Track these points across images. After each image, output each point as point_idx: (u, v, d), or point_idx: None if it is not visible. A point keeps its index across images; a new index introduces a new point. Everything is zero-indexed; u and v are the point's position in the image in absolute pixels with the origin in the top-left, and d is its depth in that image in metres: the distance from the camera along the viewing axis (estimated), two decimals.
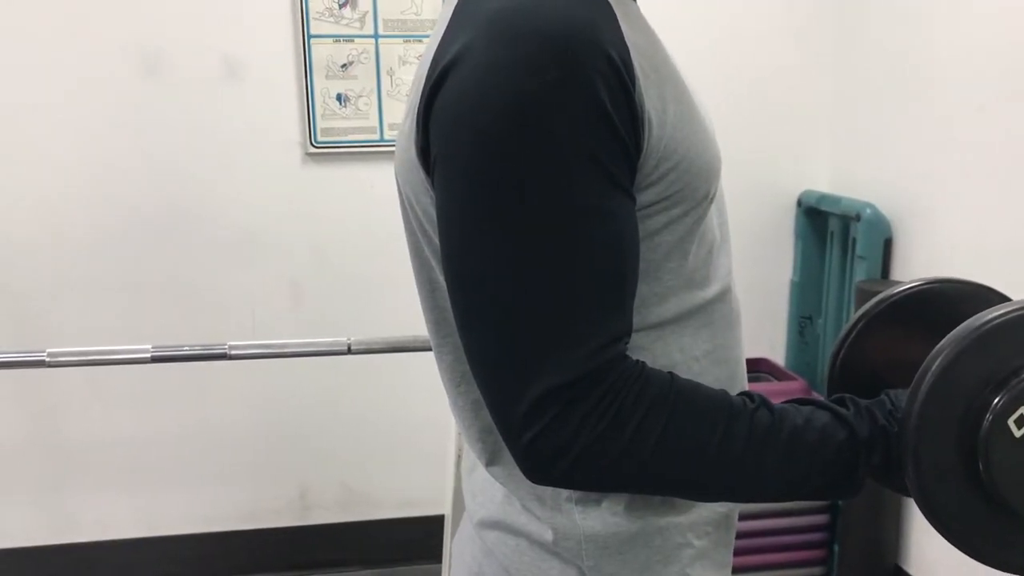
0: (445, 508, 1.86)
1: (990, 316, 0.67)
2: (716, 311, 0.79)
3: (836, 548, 2.36)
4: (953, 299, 0.81)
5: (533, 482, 0.69)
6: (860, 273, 2.27)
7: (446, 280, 0.71)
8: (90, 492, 2.48)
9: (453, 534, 1.81)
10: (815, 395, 0.76)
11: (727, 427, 0.68)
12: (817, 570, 2.39)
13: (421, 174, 0.73)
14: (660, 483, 0.71)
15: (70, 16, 2.24)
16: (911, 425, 0.67)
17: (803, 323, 2.60)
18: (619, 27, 0.68)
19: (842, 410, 0.72)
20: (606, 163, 0.65)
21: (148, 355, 1.67)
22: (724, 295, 0.80)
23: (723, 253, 0.82)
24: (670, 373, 0.70)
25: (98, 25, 2.25)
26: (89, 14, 2.24)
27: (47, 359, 1.64)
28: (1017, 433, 0.65)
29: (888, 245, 2.25)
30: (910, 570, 2.28)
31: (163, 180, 2.35)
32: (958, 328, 0.67)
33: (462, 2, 0.72)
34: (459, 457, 1.76)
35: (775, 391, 2.34)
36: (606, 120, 0.65)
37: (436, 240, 0.76)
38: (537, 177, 0.64)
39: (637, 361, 0.68)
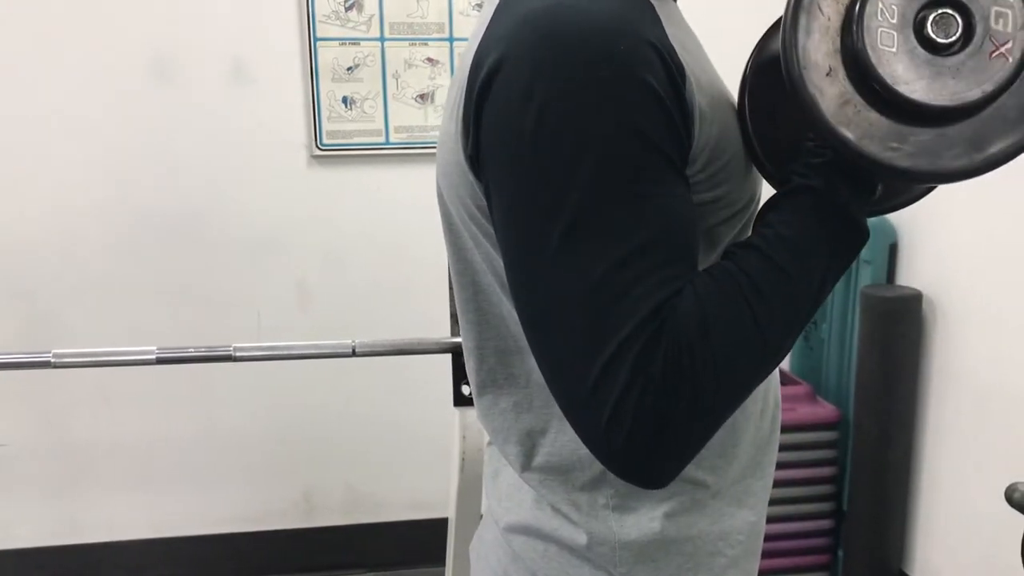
0: (449, 511, 1.86)
1: None
2: None
3: (840, 553, 2.35)
4: None
5: (650, 484, 0.67)
6: (865, 278, 2.27)
7: (510, 284, 0.70)
8: (97, 493, 2.49)
9: (457, 537, 1.81)
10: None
11: (749, 296, 0.66)
12: (822, 575, 2.39)
13: (470, 177, 0.72)
14: (747, 384, 0.68)
15: (80, 20, 2.25)
16: (800, 95, 0.64)
17: (807, 328, 2.60)
18: (662, 25, 0.68)
19: (789, 186, 0.71)
20: (664, 149, 0.65)
21: (153, 356, 1.67)
22: None
23: None
24: (693, 290, 0.66)
25: (107, 29, 2.26)
26: (99, 18, 2.26)
27: (53, 360, 1.64)
28: (892, 49, 0.63)
29: (893, 250, 2.25)
30: (915, 575, 2.27)
31: (170, 182, 2.36)
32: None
33: (504, 2, 0.72)
34: (463, 460, 1.76)
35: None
36: (660, 108, 0.64)
37: (485, 243, 0.75)
38: (597, 169, 0.64)
39: (669, 307, 0.65)
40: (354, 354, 1.75)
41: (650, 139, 0.64)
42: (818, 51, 0.64)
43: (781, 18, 0.67)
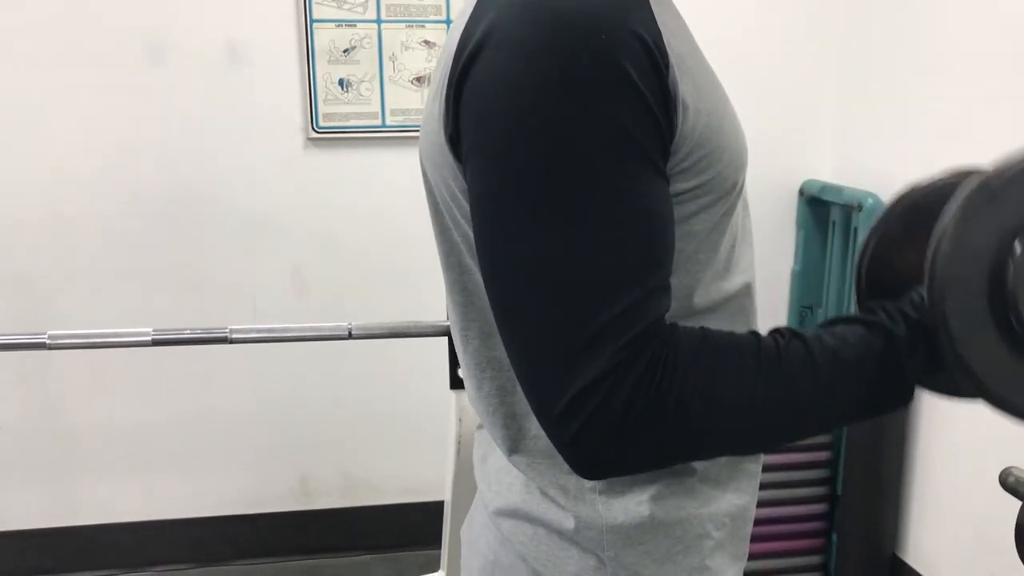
0: (445, 494, 1.87)
1: (997, 171, 0.65)
2: (740, 304, 0.78)
3: (835, 537, 2.37)
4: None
5: (584, 476, 0.68)
6: None
7: (481, 268, 0.70)
8: (93, 476, 2.49)
9: (453, 520, 1.82)
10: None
11: (766, 372, 0.66)
12: (815, 559, 2.40)
13: (451, 159, 0.72)
14: (713, 448, 0.69)
15: (74, 3, 2.23)
16: (936, 291, 0.64)
17: (804, 313, 2.60)
18: (650, 9, 0.67)
19: (873, 318, 0.70)
20: (641, 143, 0.64)
21: (149, 338, 1.67)
22: (747, 288, 0.79)
23: (745, 245, 0.81)
24: (702, 328, 0.67)
25: (102, 10, 2.25)
26: (93, 1, 2.24)
27: (48, 342, 1.64)
28: None
29: None
30: (908, 559, 2.29)
31: (166, 165, 2.35)
32: (966, 185, 0.65)
33: None
34: (459, 443, 1.76)
35: None
36: (639, 99, 0.63)
37: (466, 226, 0.75)
38: (572, 159, 0.63)
39: (668, 325, 0.66)
40: (350, 337, 1.75)
41: (626, 131, 0.64)
42: (975, 241, 0.64)
43: (950, 183, 0.69)
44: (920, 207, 0.77)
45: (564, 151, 0.63)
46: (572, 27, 0.63)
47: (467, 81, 0.67)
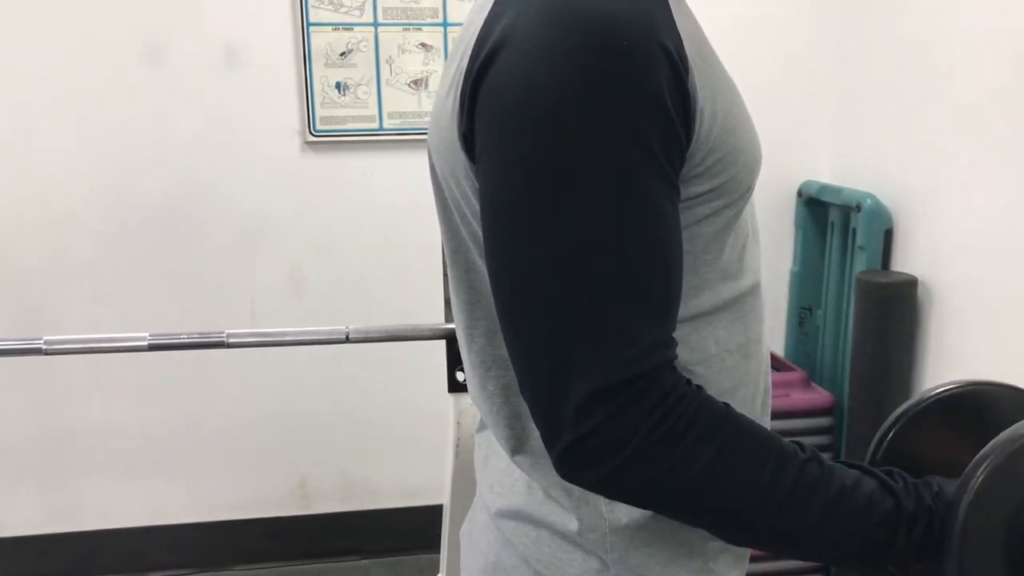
0: (444, 498, 1.86)
1: None
2: (748, 304, 0.78)
3: None
4: (996, 402, 0.80)
5: (564, 479, 0.68)
6: (860, 264, 2.26)
7: (489, 268, 0.69)
8: (92, 481, 2.48)
9: (452, 523, 1.81)
10: (847, 467, 0.74)
11: (776, 470, 0.66)
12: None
13: (463, 157, 0.71)
14: (694, 512, 0.68)
15: (73, 5, 2.23)
16: (958, 519, 0.67)
17: (803, 314, 2.59)
18: (671, 14, 0.66)
19: (891, 482, 0.71)
20: (659, 156, 0.63)
21: (146, 343, 1.66)
22: (755, 288, 0.79)
23: (755, 245, 0.81)
24: (726, 404, 0.68)
25: (99, 13, 2.25)
26: (91, 3, 2.24)
27: (44, 347, 1.63)
28: None
29: (888, 236, 2.25)
30: None
31: (163, 168, 2.34)
32: (1007, 432, 0.68)
33: None
34: (458, 447, 1.76)
35: (775, 382, 2.34)
36: (661, 111, 0.63)
37: (475, 224, 0.74)
38: (589, 169, 0.62)
39: (691, 382, 0.67)
40: (348, 340, 1.74)
41: (642, 139, 0.63)
42: (999, 495, 0.67)
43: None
44: (954, 407, 0.80)
45: (578, 156, 0.62)
46: (593, 32, 0.62)
47: (484, 80, 0.66)
